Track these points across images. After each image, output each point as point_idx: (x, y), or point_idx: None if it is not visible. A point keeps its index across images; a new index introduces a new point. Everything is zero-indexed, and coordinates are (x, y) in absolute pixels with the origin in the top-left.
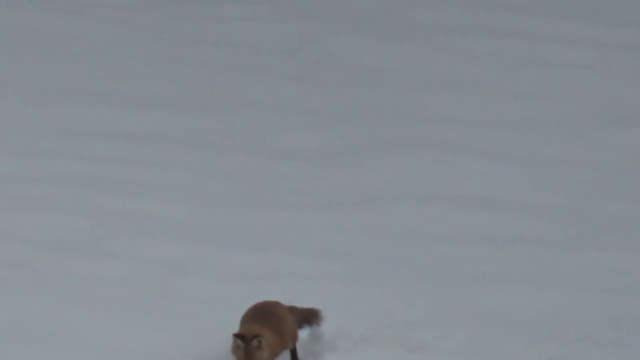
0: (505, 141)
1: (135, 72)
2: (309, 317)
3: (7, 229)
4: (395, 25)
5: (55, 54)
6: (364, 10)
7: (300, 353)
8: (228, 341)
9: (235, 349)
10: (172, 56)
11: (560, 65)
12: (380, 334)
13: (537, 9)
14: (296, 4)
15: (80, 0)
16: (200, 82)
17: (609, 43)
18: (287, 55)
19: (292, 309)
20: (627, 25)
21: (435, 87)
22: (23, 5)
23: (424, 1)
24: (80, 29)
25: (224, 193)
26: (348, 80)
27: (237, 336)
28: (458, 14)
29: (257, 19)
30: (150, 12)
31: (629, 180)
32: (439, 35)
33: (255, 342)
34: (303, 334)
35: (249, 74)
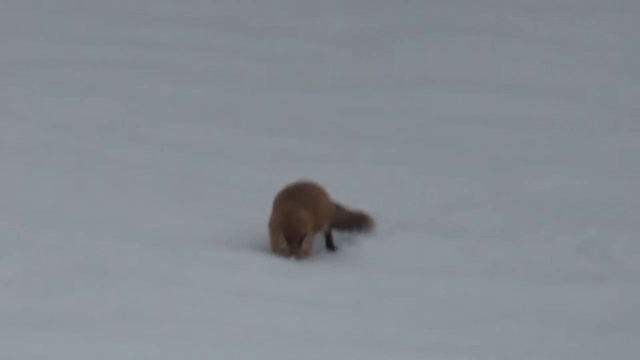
0: (540, 26)
1: None
2: (359, 221)
3: (46, 113)
4: None
5: None
6: None
7: (335, 239)
8: (262, 227)
9: (279, 248)
10: None
11: None
12: (416, 219)
13: None
14: None
15: None
16: None
17: None
18: None
19: (339, 209)
20: None
21: None
22: None
23: None
24: None
25: (259, 77)
26: None
27: (287, 239)
28: None
29: None
30: None
31: None
32: None
33: (305, 245)
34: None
35: None
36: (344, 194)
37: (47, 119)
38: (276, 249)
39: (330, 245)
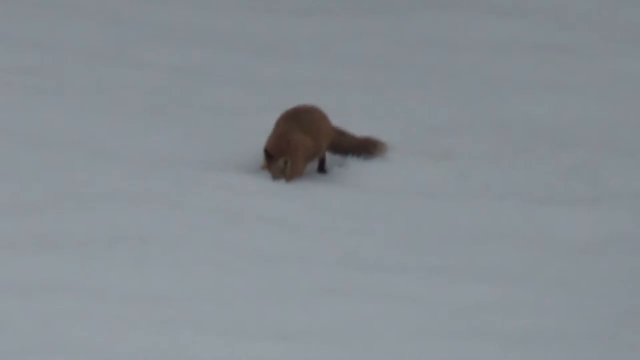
0: None
1: None
2: (369, 146)
3: (29, 36)
4: None
5: None
6: None
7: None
8: (255, 150)
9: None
10: None
11: None
12: (405, 141)
13: None
14: None
15: None
16: None
17: None
18: None
19: (343, 134)
20: None
21: None
22: None
23: None
24: None
25: (247, 1)
26: None
27: (265, 152)
28: None
29: None
30: None
31: None
32: None
33: (281, 163)
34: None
35: None
36: (334, 118)
37: (36, 42)
38: (266, 169)
39: (322, 168)
